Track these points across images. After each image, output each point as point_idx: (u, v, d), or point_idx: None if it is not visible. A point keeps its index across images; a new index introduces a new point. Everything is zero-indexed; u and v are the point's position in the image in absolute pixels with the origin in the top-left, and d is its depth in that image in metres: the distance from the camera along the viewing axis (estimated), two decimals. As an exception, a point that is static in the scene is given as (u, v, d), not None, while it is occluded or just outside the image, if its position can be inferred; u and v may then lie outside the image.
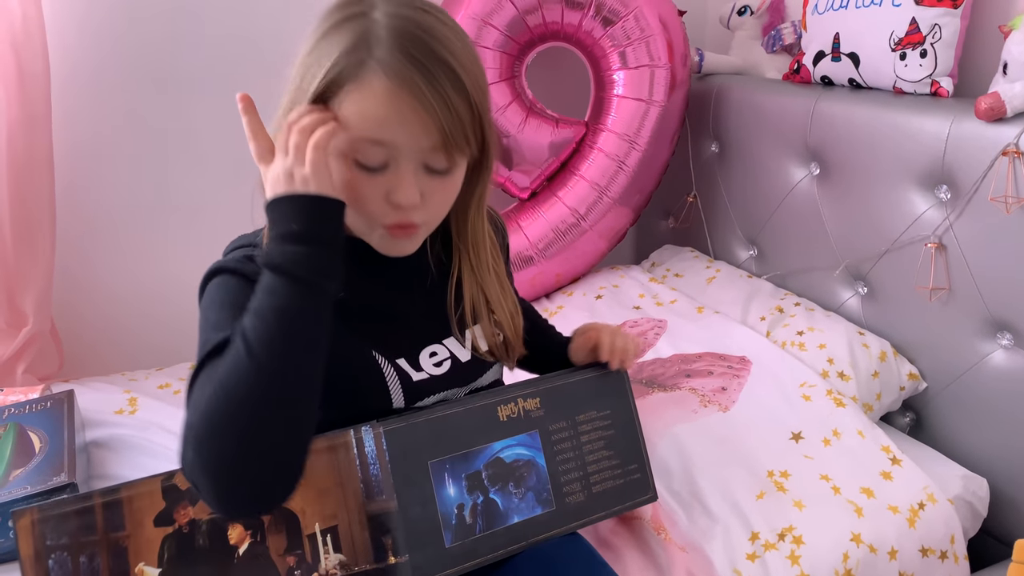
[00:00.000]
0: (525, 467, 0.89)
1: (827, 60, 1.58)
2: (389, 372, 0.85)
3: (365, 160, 0.72)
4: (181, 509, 0.74)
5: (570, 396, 0.94)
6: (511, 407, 0.90)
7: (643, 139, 1.73)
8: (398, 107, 0.70)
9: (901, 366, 1.43)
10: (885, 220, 1.44)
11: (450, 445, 0.85)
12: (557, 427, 0.92)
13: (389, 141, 0.71)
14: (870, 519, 1.15)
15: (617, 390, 0.98)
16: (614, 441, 0.96)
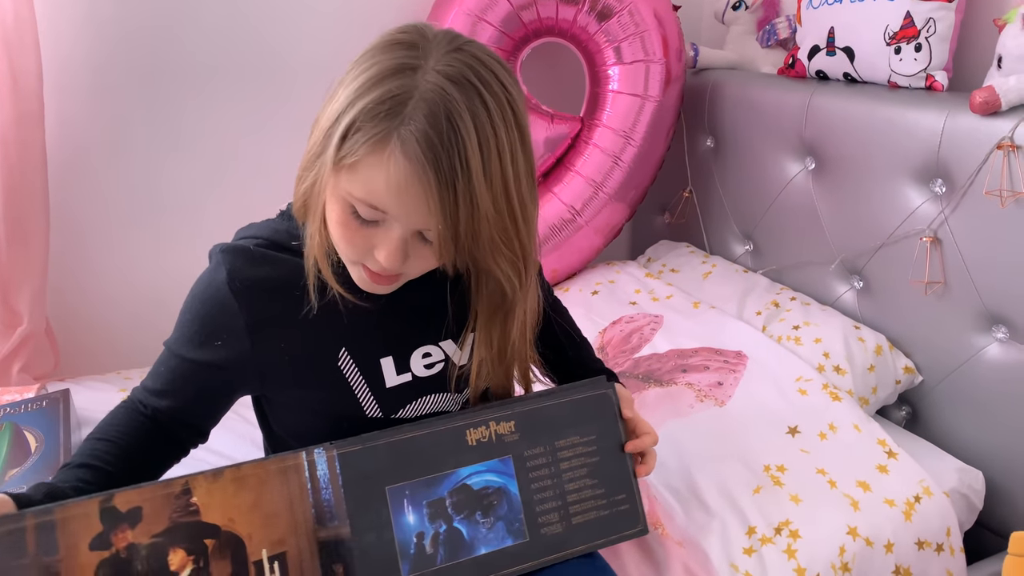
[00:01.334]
0: (495, 495, 0.83)
1: (822, 54, 1.58)
2: (355, 378, 0.84)
3: (359, 212, 0.71)
4: (119, 532, 0.70)
5: (550, 419, 0.87)
6: (481, 431, 0.84)
7: (638, 134, 1.73)
8: (403, 188, 0.68)
9: (897, 360, 1.43)
10: (880, 214, 1.44)
11: (411, 470, 0.80)
12: (533, 453, 0.86)
13: (386, 211, 0.70)
14: (866, 513, 1.15)
15: (604, 413, 0.90)
16: (599, 468, 0.88)
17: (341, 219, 0.72)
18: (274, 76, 1.68)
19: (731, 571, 1.07)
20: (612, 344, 1.54)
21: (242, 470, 0.75)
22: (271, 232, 0.85)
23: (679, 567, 1.07)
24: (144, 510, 0.71)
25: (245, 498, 0.74)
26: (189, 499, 0.72)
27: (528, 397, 0.89)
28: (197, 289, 0.83)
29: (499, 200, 0.71)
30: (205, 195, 1.69)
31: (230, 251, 0.82)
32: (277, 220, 0.87)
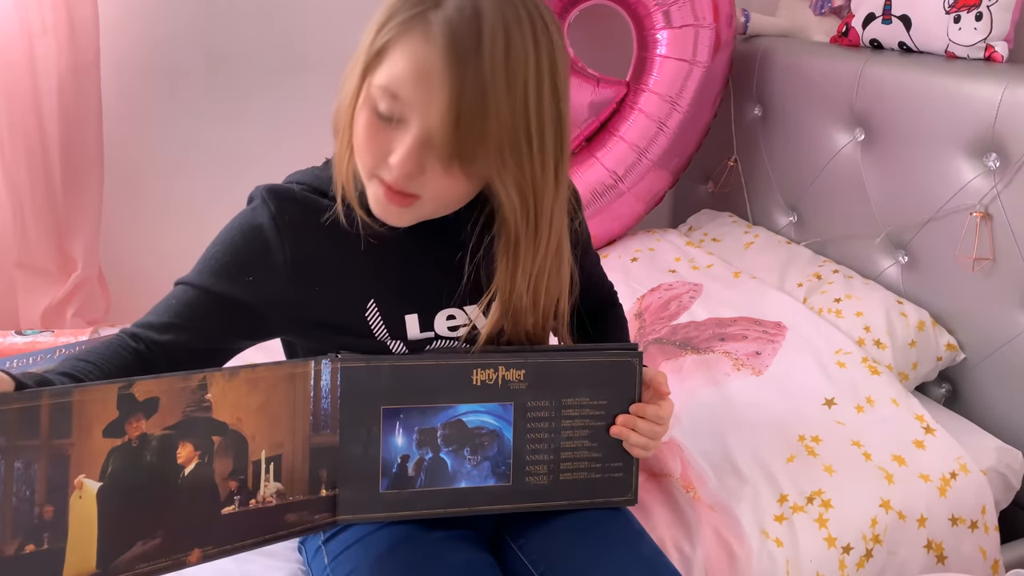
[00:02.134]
0: (488, 436, 0.85)
1: (877, 23, 1.54)
2: (379, 329, 0.85)
3: (380, 107, 0.71)
4: (134, 421, 0.68)
5: (563, 376, 0.87)
6: (488, 373, 0.84)
7: (685, 100, 1.71)
8: (423, 73, 0.68)
9: (939, 336, 1.41)
10: (930, 188, 1.42)
11: (409, 396, 0.82)
12: (537, 404, 0.86)
13: (403, 97, 0.70)
14: (900, 486, 1.15)
15: (623, 381, 0.89)
16: (601, 433, 0.88)
17: (365, 121, 0.73)
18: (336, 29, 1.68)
19: (761, 537, 1.08)
20: (650, 311, 1.54)
21: (257, 371, 0.75)
22: (313, 178, 0.85)
23: (709, 531, 1.08)
24: (161, 401, 0.70)
25: (255, 399, 0.75)
26: (204, 395, 0.72)
27: (549, 349, 0.88)
28: (235, 223, 0.83)
29: (517, 111, 0.70)
30: (256, 149, 1.71)
31: (275, 191, 0.82)
32: (321, 168, 0.88)
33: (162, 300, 0.81)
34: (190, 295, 0.79)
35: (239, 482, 0.74)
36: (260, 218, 0.81)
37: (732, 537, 1.07)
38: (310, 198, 0.83)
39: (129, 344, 0.78)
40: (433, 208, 0.77)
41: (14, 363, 1.21)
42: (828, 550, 1.08)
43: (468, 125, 0.68)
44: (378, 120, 0.72)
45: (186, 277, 0.81)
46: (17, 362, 1.21)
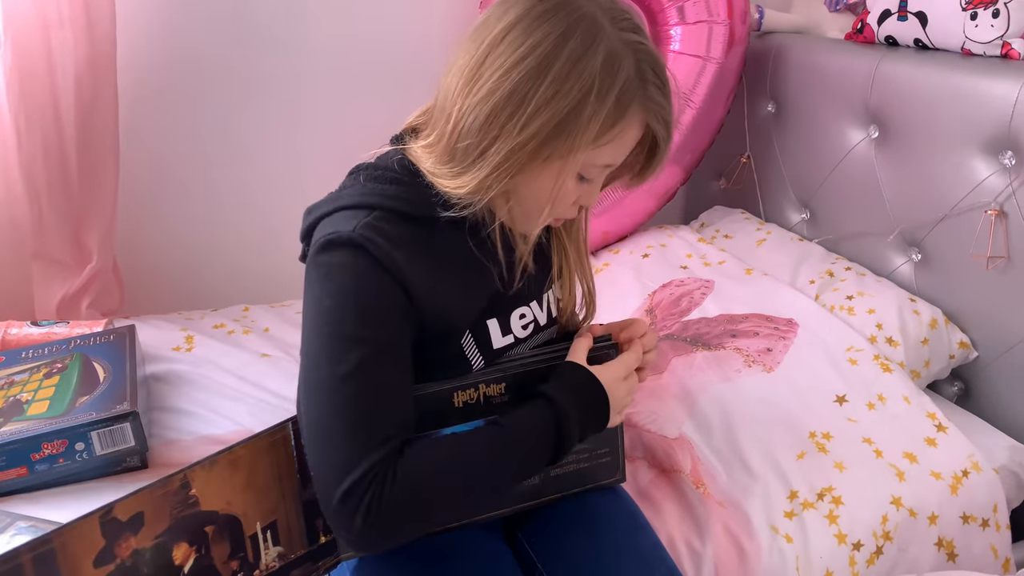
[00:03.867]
0: None
1: (893, 19, 1.54)
2: (468, 343, 0.85)
3: (590, 175, 0.80)
4: (122, 543, 0.67)
5: (542, 379, 0.85)
6: (470, 393, 0.83)
7: (698, 97, 1.71)
8: (636, 141, 0.80)
9: (952, 334, 1.41)
10: (944, 186, 1.41)
11: None
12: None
13: (618, 164, 0.82)
14: (912, 483, 1.15)
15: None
16: None
17: (567, 187, 0.78)
18: (351, 23, 1.69)
19: (771, 533, 1.08)
20: (661, 306, 1.54)
21: (235, 452, 0.76)
22: (380, 199, 0.79)
23: (719, 527, 1.08)
24: (145, 514, 0.69)
25: (239, 478, 0.75)
26: (188, 492, 0.72)
27: (523, 358, 0.88)
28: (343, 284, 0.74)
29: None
30: (273, 143, 1.72)
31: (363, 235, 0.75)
32: (372, 184, 0.81)
33: (338, 407, 0.71)
34: (371, 366, 0.72)
35: (240, 560, 0.75)
36: (362, 265, 0.74)
37: (742, 533, 1.07)
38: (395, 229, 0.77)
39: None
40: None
41: (29, 353, 1.22)
42: (839, 547, 1.08)
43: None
44: (582, 183, 0.80)
45: (347, 365, 0.71)
46: (33, 352, 1.22)
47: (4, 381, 1.15)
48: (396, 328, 0.75)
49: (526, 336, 0.90)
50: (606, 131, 0.75)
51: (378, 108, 1.60)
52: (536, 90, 0.72)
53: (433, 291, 0.78)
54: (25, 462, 1.02)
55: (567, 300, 0.94)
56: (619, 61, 0.74)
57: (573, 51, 0.72)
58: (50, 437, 1.02)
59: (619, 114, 0.75)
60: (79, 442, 1.04)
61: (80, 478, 1.06)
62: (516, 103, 0.72)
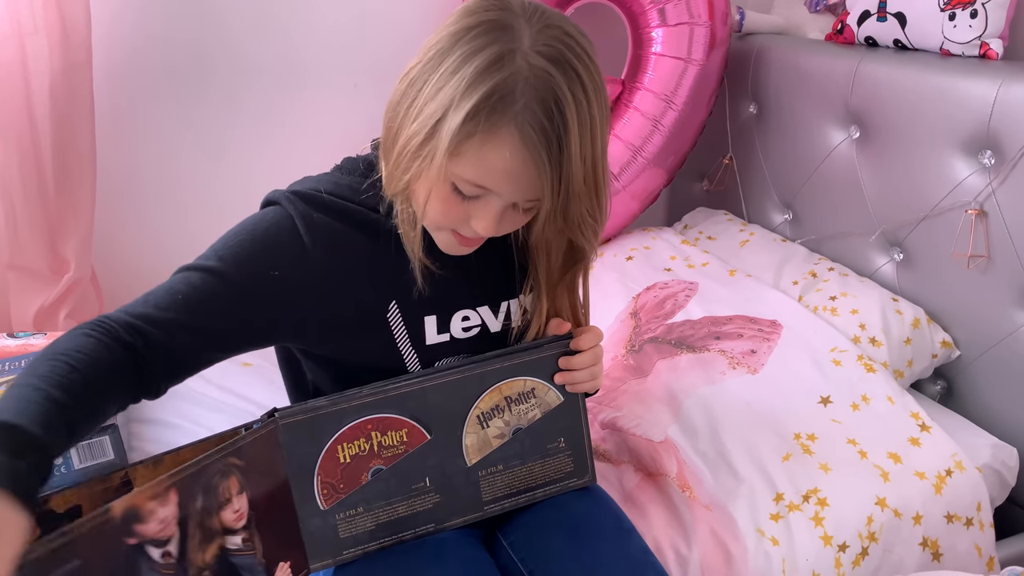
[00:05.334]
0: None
1: (872, 20, 1.54)
2: (399, 332, 0.86)
3: (463, 190, 0.75)
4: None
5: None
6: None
7: (680, 99, 1.71)
8: (515, 167, 0.72)
9: (934, 334, 1.42)
10: (925, 185, 1.42)
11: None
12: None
13: (494, 190, 0.74)
14: (896, 484, 1.15)
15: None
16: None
17: (442, 196, 0.75)
18: (329, 28, 1.68)
19: (757, 536, 1.08)
20: (645, 309, 1.54)
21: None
22: (333, 185, 0.85)
23: (706, 530, 1.08)
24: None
25: None
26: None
27: (487, 356, 0.87)
28: (258, 219, 0.81)
29: (588, 176, 0.74)
30: (252, 150, 1.71)
31: (302, 194, 0.82)
32: (336, 174, 0.88)
33: (161, 288, 0.75)
34: (204, 283, 0.74)
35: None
36: (286, 218, 0.80)
37: (728, 536, 1.07)
38: (337, 203, 0.83)
39: (124, 338, 0.69)
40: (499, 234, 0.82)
41: (6, 366, 1.20)
42: (824, 548, 1.08)
43: (557, 192, 0.73)
44: (457, 196, 0.75)
45: (196, 263, 0.77)
46: (9, 365, 1.20)
47: (-20, 394, 1.13)
48: (267, 281, 0.77)
49: (465, 338, 0.91)
50: (462, 142, 0.70)
51: (359, 111, 1.59)
52: (425, 87, 0.72)
53: (349, 262, 0.82)
54: (2, 478, 1.00)
55: (536, 321, 0.92)
56: (498, 75, 0.69)
57: (463, 54, 0.70)
58: (27, 451, 1.00)
59: (473, 129, 0.69)
60: (57, 456, 1.02)
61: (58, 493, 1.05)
62: (410, 98, 0.74)
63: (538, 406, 0.89)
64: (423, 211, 0.78)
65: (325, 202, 0.82)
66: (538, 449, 0.90)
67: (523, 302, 0.93)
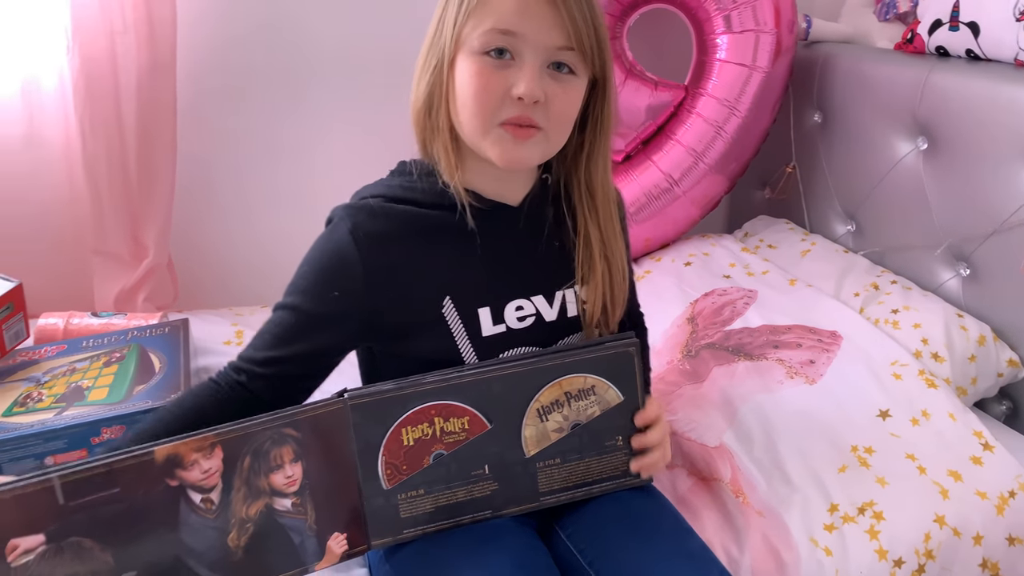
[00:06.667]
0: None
1: (944, 29, 1.52)
2: (456, 326, 0.89)
3: (491, 45, 0.78)
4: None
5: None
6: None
7: (744, 105, 1.71)
8: (530, 2, 0.77)
9: (1001, 352, 1.39)
10: (994, 199, 1.39)
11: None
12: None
13: (518, 32, 0.77)
14: (956, 502, 1.13)
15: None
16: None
17: (475, 69, 0.79)
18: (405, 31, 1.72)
19: (810, 545, 1.07)
20: (703, 315, 1.54)
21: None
22: (385, 188, 0.90)
23: (758, 536, 1.08)
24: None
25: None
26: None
27: (553, 351, 0.90)
28: (318, 244, 0.89)
29: (600, 9, 0.82)
30: (328, 151, 1.77)
31: (353, 207, 0.88)
32: (389, 178, 0.93)
33: (262, 328, 0.89)
34: (284, 319, 0.87)
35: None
36: (338, 235, 0.86)
37: (780, 543, 1.07)
38: (386, 207, 0.88)
39: (232, 376, 0.87)
40: (550, 138, 0.84)
41: (91, 342, 1.27)
42: (879, 562, 1.07)
43: (580, 28, 0.78)
44: (491, 63, 0.79)
45: (281, 302, 0.89)
46: (93, 341, 1.27)
47: (67, 368, 1.19)
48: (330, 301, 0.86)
49: (521, 328, 0.92)
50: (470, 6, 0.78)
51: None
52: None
53: (401, 266, 0.87)
54: (85, 445, 1.06)
55: (591, 307, 0.94)
56: None
57: None
58: (109, 422, 1.06)
59: None
60: (135, 430, 1.08)
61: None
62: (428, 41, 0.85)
63: (597, 403, 0.89)
64: (466, 101, 0.81)
65: (376, 210, 0.87)
66: (596, 445, 0.91)
67: (580, 293, 0.95)
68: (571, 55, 0.80)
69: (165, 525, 0.73)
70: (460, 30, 0.80)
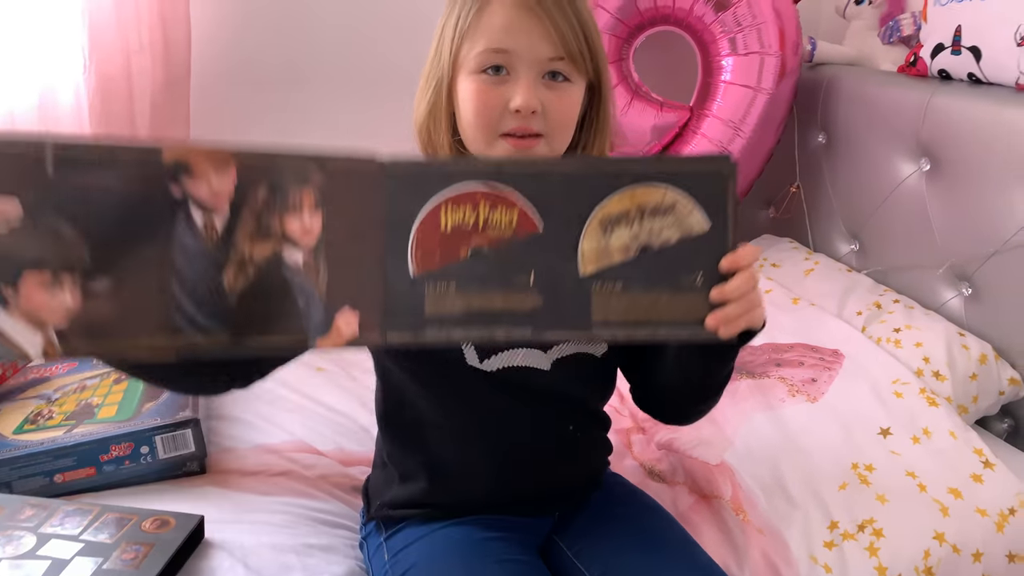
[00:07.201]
0: None
1: (946, 53, 1.54)
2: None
3: (486, 64, 0.81)
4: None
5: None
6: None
7: (748, 126, 1.73)
8: (520, 17, 0.79)
9: (1002, 370, 1.40)
10: (996, 220, 1.40)
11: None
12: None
13: (510, 49, 0.80)
14: (956, 519, 1.14)
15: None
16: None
17: (474, 88, 0.82)
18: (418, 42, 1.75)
19: (810, 563, 1.08)
20: (706, 333, 1.55)
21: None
22: None
23: (758, 553, 1.09)
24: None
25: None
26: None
27: (632, 156, 0.82)
28: None
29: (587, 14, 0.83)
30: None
31: None
32: None
33: None
34: None
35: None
36: None
37: (780, 561, 1.08)
38: None
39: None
40: (551, 143, 0.85)
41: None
42: (879, 579, 1.08)
43: (570, 37, 0.81)
44: (488, 81, 0.82)
45: None
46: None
47: (77, 385, 1.22)
48: None
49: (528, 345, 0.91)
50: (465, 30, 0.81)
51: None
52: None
53: None
54: (94, 463, 1.08)
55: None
56: None
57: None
58: (118, 440, 1.08)
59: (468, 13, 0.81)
60: (144, 445, 1.10)
61: (143, 480, 1.11)
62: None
63: (676, 226, 0.72)
64: (468, 118, 0.83)
65: None
66: (668, 278, 0.73)
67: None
68: (563, 64, 0.82)
69: (157, 237, 0.63)
70: (457, 52, 0.83)
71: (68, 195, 0.60)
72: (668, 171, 0.72)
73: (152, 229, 0.63)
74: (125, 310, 0.62)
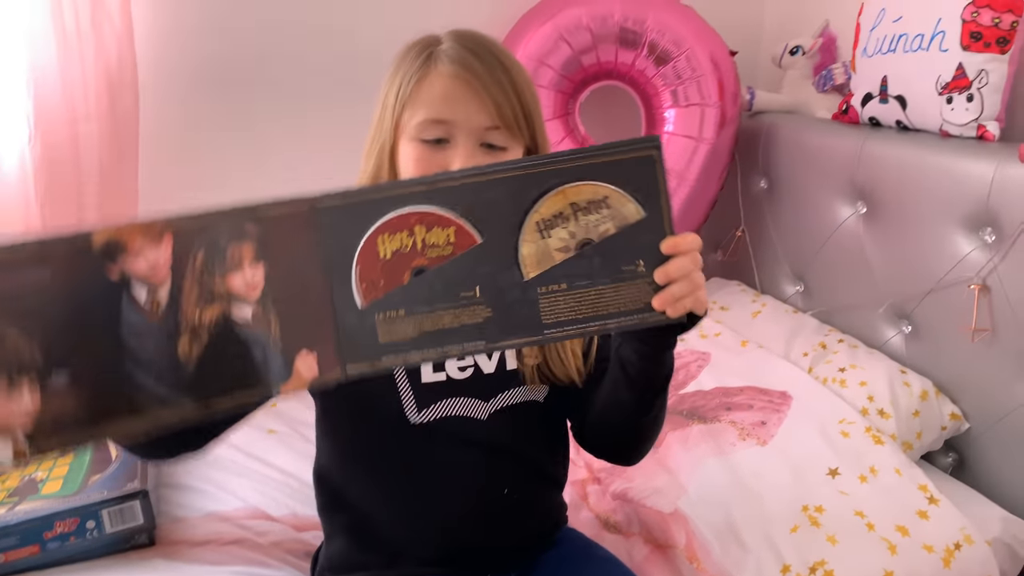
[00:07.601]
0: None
1: (875, 102, 1.61)
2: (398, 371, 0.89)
3: (426, 135, 0.84)
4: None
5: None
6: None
7: (692, 175, 1.78)
8: (457, 88, 0.83)
9: (943, 406, 1.44)
10: (930, 260, 1.46)
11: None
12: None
13: (448, 119, 0.83)
14: (904, 557, 1.16)
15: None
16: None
17: (414, 154, 0.85)
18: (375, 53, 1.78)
19: (765, 607, 1.09)
20: (658, 379, 1.58)
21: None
22: None
23: (713, 600, 1.10)
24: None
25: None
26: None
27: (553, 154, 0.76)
28: None
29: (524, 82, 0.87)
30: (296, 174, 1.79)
31: None
32: None
33: None
34: None
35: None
36: None
37: (735, 607, 1.09)
38: None
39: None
40: None
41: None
42: (831, 621, 1.09)
43: (507, 107, 0.84)
44: (428, 148, 0.85)
45: None
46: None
47: (21, 459, 1.19)
48: None
49: (462, 378, 0.92)
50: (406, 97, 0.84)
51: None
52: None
53: None
54: (38, 540, 1.06)
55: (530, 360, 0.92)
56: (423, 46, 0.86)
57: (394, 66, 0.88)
58: (63, 515, 1.06)
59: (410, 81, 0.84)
60: (90, 520, 1.08)
61: (89, 556, 1.09)
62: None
63: (611, 218, 0.74)
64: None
65: None
66: (610, 270, 0.74)
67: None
68: (498, 133, 0.85)
69: (104, 322, 0.63)
70: (398, 119, 0.86)
71: (5, 299, 0.60)
72: (595, 165, 0.73)
73: (98, 315, 0.63)
74: (87, 400, 0.62)
